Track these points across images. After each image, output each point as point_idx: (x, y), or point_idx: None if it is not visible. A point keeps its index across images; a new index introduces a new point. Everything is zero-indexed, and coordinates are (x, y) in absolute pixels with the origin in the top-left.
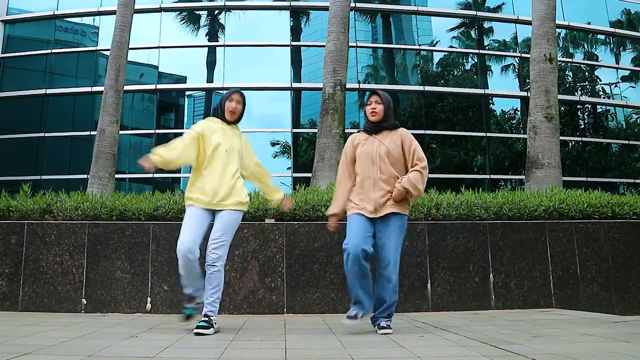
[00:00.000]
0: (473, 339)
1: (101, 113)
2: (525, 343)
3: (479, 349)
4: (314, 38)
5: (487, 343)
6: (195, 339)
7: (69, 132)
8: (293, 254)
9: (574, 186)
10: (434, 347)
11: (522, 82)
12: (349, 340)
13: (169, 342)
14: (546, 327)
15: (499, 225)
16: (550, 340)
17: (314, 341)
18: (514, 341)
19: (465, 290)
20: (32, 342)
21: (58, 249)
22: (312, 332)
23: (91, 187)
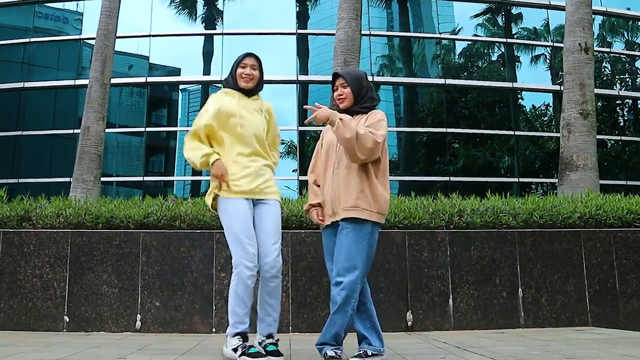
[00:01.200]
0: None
1: (85, 109)
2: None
3: None
4: (323, 25)
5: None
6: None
7: (50, 130)
8: (299, 266)
9: (612, 190)
10: None
11: (555, 75)
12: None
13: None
14: (581, 348)
15: (529, 234)
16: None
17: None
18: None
19: (491, 306)
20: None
21: (37, 261)
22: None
23: (74, 191)
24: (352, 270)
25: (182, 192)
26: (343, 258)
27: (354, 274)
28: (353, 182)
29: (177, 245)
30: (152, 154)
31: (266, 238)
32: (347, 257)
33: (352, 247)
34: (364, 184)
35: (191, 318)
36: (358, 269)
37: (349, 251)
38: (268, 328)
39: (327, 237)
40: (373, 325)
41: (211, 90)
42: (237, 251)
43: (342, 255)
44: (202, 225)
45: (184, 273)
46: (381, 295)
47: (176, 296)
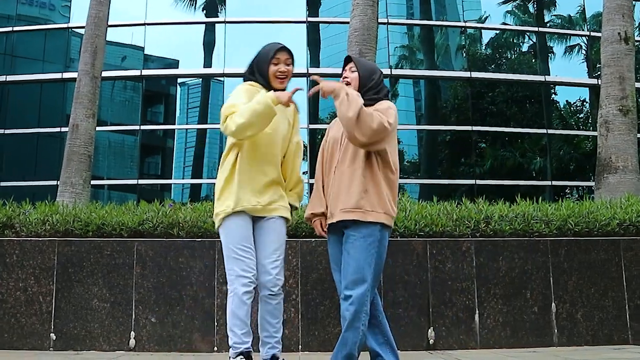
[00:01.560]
0: None
1: (74, 105)
2: None
3: None
4: (336, 13)
5: None
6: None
7: (35, 128)
8: (310, 279)
9: None
10: None
11: (592, 68)
12: None
13: None
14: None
15: (563, 243)
16: None
17: None
18: None
19: (521, 322)
20: None
21: (21, 272)
22: None
23: (62, 195)
24: (361, 283)
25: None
26: (351, 269)
27: (362, 286)
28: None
29: (175, 255)
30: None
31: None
32: (356, 269)
33: (360, 256)
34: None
35: (190, 335)
36: (367, 280)
37: (357, 261)
38: (272, 350)
39: (332, 246)
40: (387, 340)
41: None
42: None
43: (350, 266)
44: (202, 233)
45: (183, 286)
46: (400, 310)
47: (174, 311)
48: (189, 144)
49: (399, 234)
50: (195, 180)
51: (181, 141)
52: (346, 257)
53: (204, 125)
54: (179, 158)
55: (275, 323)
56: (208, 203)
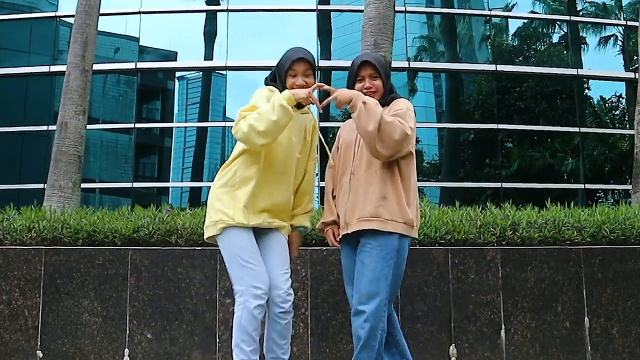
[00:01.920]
0: None
1: (63, 100)
2: None
3: None
4: (349, 1)
5: None
6: None
7: (19, 126)
8: (320, 290)
9: None
10: None
11: (628, 60)
12: None
13: None
14: None
15: (597, 252)
16: None
17: None
18: None
19: (551, 338)
20: None
21: (4, 284)
22: None
23: (49, 200)
24: (376, 296)
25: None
26: (366, 282)
27: (377, 300)
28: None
29: (173, 265)
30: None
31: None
32: (371, 280)
33: (376, 267)
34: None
35: (190, 352)
36: (382, 294)
37: (373, 272)
38: None
39: (346, 257)
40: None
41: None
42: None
43: (364, 277)
44: (202, 241)
45: (182, 299)
46: (419, 325)
47: (172, 326)
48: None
49: (417, 242)
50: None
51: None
52: (360, 268)
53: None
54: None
55: (284, 344)
56: None
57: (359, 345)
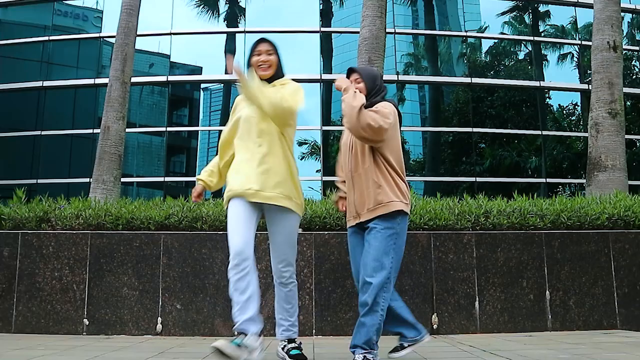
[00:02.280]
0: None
1: (105, 108)
2: None
3: None
4: (347, 23)
5: None
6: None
7: (69, 129)
8: (323, 268)
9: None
10: None
11: (583, 74)
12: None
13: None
14: (610, 351)
15: (557, 236)
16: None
17: None
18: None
19: (518, 309)
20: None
21: (56, 263)
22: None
23: (94, 192)
24: (381, 270)
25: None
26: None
27: (382, 273)
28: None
29: (198, 247)
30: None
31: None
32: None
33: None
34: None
35: (213, 321)
36: (386, 268)
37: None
38: (287, 333)
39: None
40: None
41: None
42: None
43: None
44: (224, 227)
45: (206, 275)
46: (406, 297)
47: (197, 299)
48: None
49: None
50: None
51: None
52: (367, 248)
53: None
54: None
55: (289, 308)
56: None
57: (364, 311)
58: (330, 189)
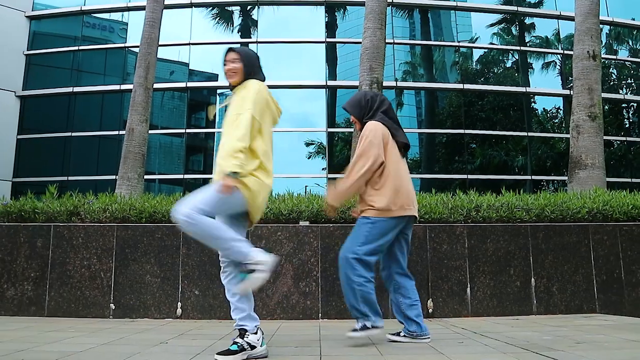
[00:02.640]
0: (514, 345)
1: (130, 112)
2: (568, 349)
3: (520, 356)
4: (350, 34)
5: (528, 350)
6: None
7: (97, 131)
8: (328, 257)
9: (618, 187)
10: (474, 354)
11: (565, 80)
12: (386, 347)
13: (200, 348)
14: (590, 333)
15: (541, 228)
16: (594, 347)
17: (350, 348)
18: (557, 347)
19: (506, 295)
20: (58, 349)
21: (85, 252)
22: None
23: (120, 188)
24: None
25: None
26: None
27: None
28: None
29: None
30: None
31: None
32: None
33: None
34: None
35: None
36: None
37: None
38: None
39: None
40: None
41: None
42: None
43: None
44: None
45: None
46: None
47: (214, 285)
48: None
49: None
50: None
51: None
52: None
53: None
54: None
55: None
56: None
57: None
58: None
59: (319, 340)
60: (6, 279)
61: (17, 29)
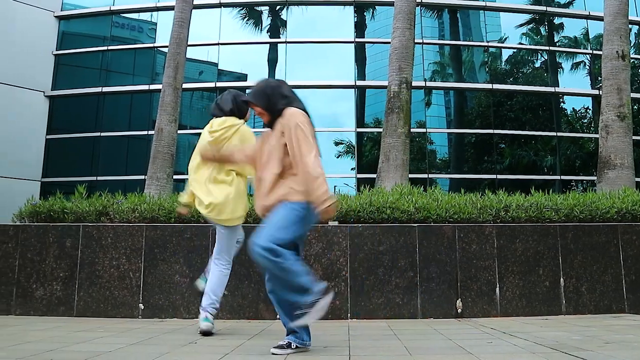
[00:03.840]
0: (543, 345)
1: (159, 112)
2: (597, 349)
3: (549, 356)
4: (379, 34)
5: (557, 350)
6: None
7: (126, 131)
8: (357, 258)
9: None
10: (503, 354)
11: (594, 80)
12: (415, 347)
13: (229, 348)
14: (619, 333)
15: (570, 228)
16: (623, 347)
17: (379, 347)
18: (586, 347)
19: (535, 295)
20: (87, 349)
21: (114, 252)
22: (376, 338)
23: (149, 188)
24: None
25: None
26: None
27: None
28: None
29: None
30: None
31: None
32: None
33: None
34: None
35: (257, 305)
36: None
37: None
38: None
39: None
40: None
41: None
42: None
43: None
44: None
45: (250, 264)
46: (433, 284)
47: (243, 285)
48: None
49: (432, 220)
50: None
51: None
52: None
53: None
54: None
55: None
56: None
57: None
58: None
59: (348, 340)
60: (35, 279)
61: (46, 29)
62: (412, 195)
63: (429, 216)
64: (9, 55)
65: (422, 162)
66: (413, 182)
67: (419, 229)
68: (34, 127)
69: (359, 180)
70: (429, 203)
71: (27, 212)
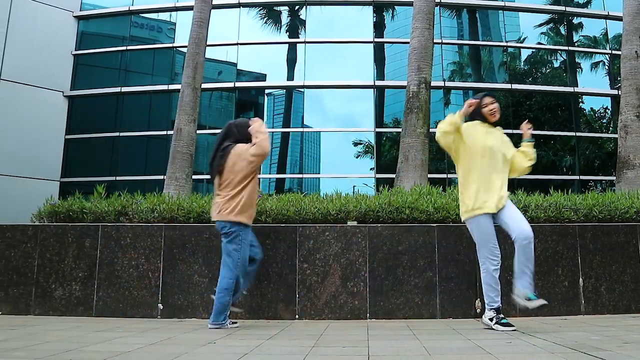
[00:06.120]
0: (562, 345)
1: (178, 112)
2: (617, 349)
3: (568, 356)
4: (398, 34)
5: (576, 350)
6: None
7: (145, 131)
8: (376, 258)
9: None
10: (522, 354)
11: (613, 80)
12: (434, 347)
13: (248, 348)
14: (638, 333)
15: (589, 228)
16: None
17: (398, 347)
18: (605, 347)
19: (554, 294)
20: (106, 349)
21: (133, 252)
22: (395, 338)
23: (167, 188)
24: None
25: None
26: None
27: None
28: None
29: (263, 238)
30: None
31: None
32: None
33: None
34: None
35: (276, 305)
36: None
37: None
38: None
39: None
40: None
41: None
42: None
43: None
44: (286, 220)
45: (269, 264)
46: (452, 284)
47: (262, 285)
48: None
49: (451, 220)
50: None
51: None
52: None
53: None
54: None
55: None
56: (291, 194)
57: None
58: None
59: (367, 340)
60: (54, 279)
61: (65, 29)
62: (431, 195)
63: (448, 216)
64: (28, 55)
65: (441, 162)
66: (432, 182)
67: (438, 229)
68: (53, 127)
69: (377, 180)
70: (448, 203)
71: (46, 212)
